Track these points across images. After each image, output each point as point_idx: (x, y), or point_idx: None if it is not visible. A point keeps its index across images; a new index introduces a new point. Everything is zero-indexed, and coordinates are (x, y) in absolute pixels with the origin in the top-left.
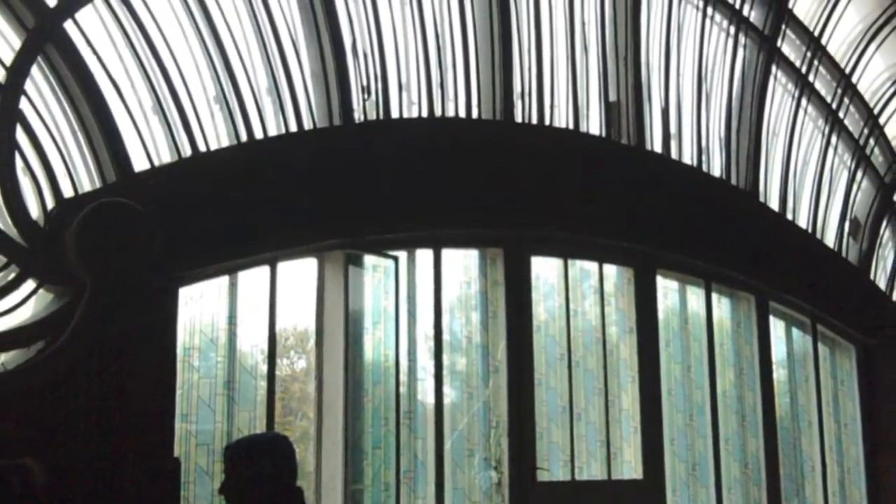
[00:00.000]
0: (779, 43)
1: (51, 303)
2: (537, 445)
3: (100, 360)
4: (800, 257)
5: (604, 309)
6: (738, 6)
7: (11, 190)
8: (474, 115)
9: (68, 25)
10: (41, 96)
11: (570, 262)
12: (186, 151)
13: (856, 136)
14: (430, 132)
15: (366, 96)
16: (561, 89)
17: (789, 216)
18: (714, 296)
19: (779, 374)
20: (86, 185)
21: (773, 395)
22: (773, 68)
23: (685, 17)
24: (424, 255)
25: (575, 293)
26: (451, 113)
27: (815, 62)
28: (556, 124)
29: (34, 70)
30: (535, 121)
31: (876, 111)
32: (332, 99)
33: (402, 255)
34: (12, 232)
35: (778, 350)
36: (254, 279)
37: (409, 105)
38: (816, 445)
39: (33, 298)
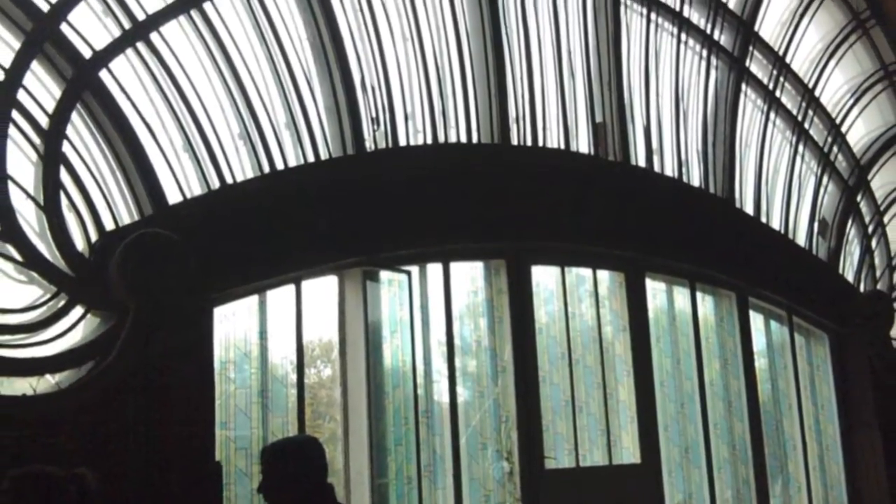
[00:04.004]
0: (747, 63)
1: (98, 326)
2: (544, 437)
3: (145, 377)
4: (775, 256)
5: (599, 311)
6: (709, 31)
7: (58, 225)
8: (474, 139)
9: (103, 74)
10: (81, 140)
11: (566, 269)
12: (215, 184)
13: (821, 144)
14: (434, 157)
15: (375, 127)
16: (552, 113)
17: (763, 219)
18: (698, 294)
19: (760, 362)
20: (125, 218)
21: (755, 383)
22: (744, 86)
23: (662, 44)
24: (434, 269)
25: (572, 297)
26: (453, 138)
27: (781, 79)
28: (549, 145)
29: (74, 116)
30: (529, 142)
31: (838, 121)
32: (344, 130)
33: (415, 269)
34: (60, 263)
35: (758, 341)
36: (281, 297)
37: (414, 133)
38: (797, 426)
39: (82, 323)
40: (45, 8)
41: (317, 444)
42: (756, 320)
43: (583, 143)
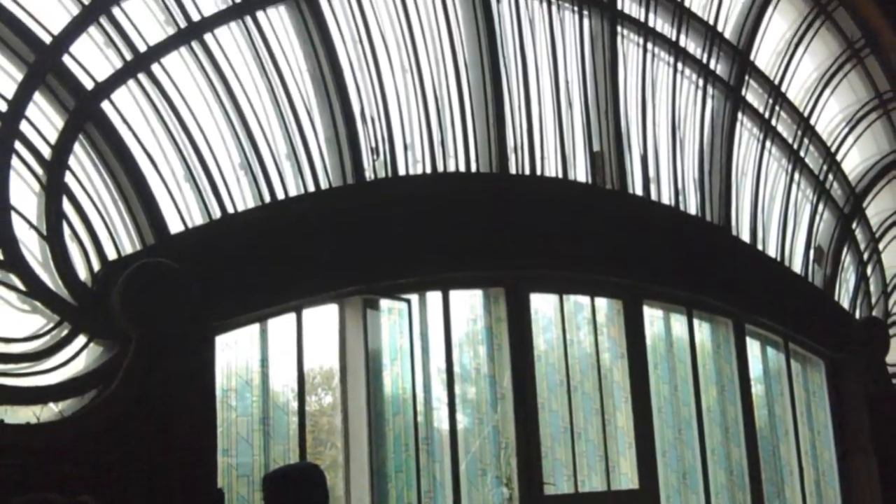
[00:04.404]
0: (743, 92)
1: (101, 355)
2: (543, 463)
3: (147, 405)
4: (771, 283)
5: (597, 338)
6: (705, 61)
7: (61, 255)
8: (473, 168)
9: (105, 105)
10: (84, 170)
11: (564, 297)
12: (216, 214)
13: (816, 172)
14: (434, 186)
15: (375, 157)
16: (549, 142)
17: (760, 247)
18: (695, 321)
19: (756, 389)
20: (127, 248)
21: (752, 408)
22: (740, 115)
23: (658, 73)
24: (434, 297)
25: (570, 325)
26: (451, 168)
27: (777, 108)
28: (547, 174)
29: (76, 147)
30: (527, 171)
31: (833, 149)
32: (344, 160)
33: (414, 297)
34: (63, 293)
35: (755, 367)
36: (282, 325)
37: (414, 163)
38: (793, 451)
39: (85, 351)
40: (48, 39)
41: (318, 471)
42: (753, 347)
43: (580, 172)
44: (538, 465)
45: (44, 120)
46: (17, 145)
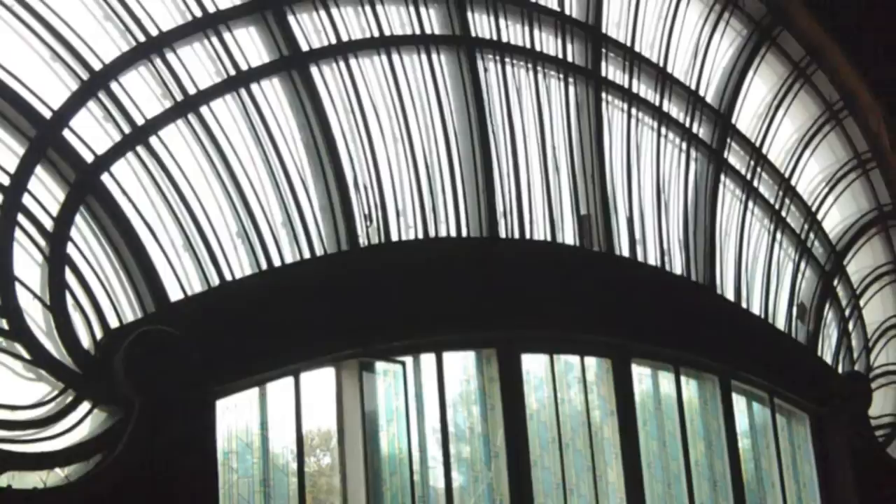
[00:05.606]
0: (726, 155)
1: (105, 420)
2: None
3: (151, 468)
4: (755, 340)
5: (587, 396)
6: (688, 125)
7: (64, 324)
8: (464, 233)
9: (105, 178)
10: (85, 241)
11: (555, 357)
12: (215, 281)
13: (798, 231)
14: (426, 251)
15: (368, 223)
16: (538, 206)
17: (744, 305)
18: (682, 378)
19: (743, 443)
20: (129, 317)
21: (739, 462)
22: (722, 177)
23: (643, 137)
24: (428, 359)
25: (561, 384)
26: (443, 233)
27: (759, 169)
28: (536, 237)
29: (78, 219)
30: (516, 235)
31: (814, 209)
32: (339, 227)
33: (409, 360)
34: (67, 361)
35: (741, 422)
36: (280, 389)
37: (406, 229)
38: None
39: (89, 418)
40: (48, 115)
41: None
42: (739, 402)
43: (568, 235)
44: None
45: (45, 193)
46: (21, 218)
